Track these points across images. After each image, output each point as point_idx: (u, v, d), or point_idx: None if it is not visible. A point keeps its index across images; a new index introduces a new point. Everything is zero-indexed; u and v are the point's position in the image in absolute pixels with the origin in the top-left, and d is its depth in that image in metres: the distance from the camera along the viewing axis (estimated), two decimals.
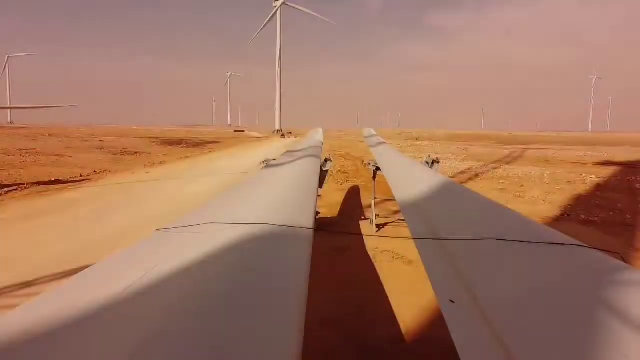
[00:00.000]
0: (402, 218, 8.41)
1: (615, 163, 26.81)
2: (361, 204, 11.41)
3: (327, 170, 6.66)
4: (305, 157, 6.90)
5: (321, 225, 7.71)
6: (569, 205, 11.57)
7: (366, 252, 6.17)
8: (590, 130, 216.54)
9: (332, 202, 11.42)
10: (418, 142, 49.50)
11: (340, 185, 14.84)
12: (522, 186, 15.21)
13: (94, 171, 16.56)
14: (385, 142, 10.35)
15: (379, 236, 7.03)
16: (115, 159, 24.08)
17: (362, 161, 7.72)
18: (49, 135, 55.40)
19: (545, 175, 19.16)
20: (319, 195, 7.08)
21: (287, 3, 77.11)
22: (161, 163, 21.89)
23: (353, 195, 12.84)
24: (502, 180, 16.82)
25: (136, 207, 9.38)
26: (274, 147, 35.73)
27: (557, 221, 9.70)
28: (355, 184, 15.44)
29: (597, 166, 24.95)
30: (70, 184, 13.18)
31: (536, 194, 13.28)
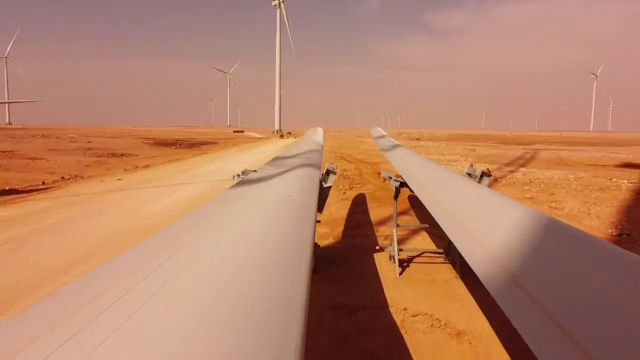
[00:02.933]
0: (436, 251, 6.11)
1: (637, 165, 24.91)
2: (370, 220, 9.41)
3: (329, 187, 4.68)
4: (298, 167, 4.91)
5: (320, 262, 5.62)
6: (622, 220, 9.57)
7: (390, 314, 4.16)
8: (591, 130, 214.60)
9: (334, 217, 9.42)
10: (422, 143, 47.46)
11: (343, 193, 12.84)
12: (552, 194, 13.21)
13: (62, 178, 14.52)
14: (400, 145, 8.35)
15: None
16: (96, 162, 22.08)
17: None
18: (42, 136, 53.28)
19: (570, 179, 17.17)
20: (318, 221, 5.07)
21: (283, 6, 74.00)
22: (145, 167, 19.88)
23: (359, 208, 10.85)
24: (527, 187, 14.83)
25: (71, 234, 7.23)
26: (272, 149, 33.79)
27: (617, 244, 7.69)
28: (361, 192, 13.43)
29: (620, 169, 23.04)
30: (25, 194, 11.18)
31: (574, 205, 11.27)
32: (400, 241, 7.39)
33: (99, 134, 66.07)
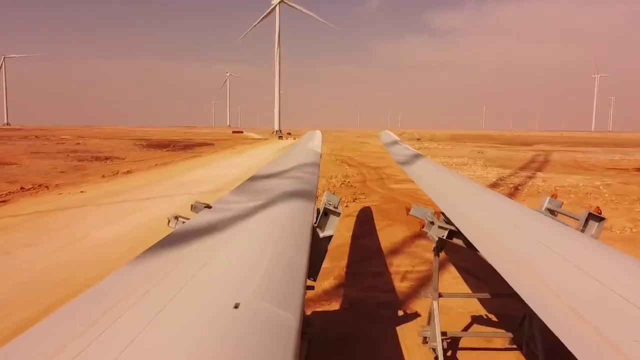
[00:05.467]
0: (498, 331, 4.00)
1: None
2: (380, 245, 7.58)
3: (330, 237, 2.83)
4: (280, 199, 3.06)
5: (314, 351, 3.50)
6: None
7: None
8: (593, 130, 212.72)
9: (336, 242, 7.57)
10: (426, 145, 45.56)
11: (346, 207, 10.98)
12: (589, 208, 11.34)
13: (22, 188, 12.63)
14: (422, 156, 6.47)
15: None
16: (75, 167, 20.24)
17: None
18: (35, 137, 51.42)
19: (600, 187, 15.34)
20: (312, 287, 3.23)
21: (286, 1, 72.43)
22: (126, 173, 18.06)
23: (366, 228, 9.01)
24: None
25: None
26: (268, 151, 31.97)
27: None
28: (365, 204, 11.61)
29: None
30: None
31: (623, 223, 9.45)
32: (420, 285, 5.53)
33: (95, 134, 64.18)
